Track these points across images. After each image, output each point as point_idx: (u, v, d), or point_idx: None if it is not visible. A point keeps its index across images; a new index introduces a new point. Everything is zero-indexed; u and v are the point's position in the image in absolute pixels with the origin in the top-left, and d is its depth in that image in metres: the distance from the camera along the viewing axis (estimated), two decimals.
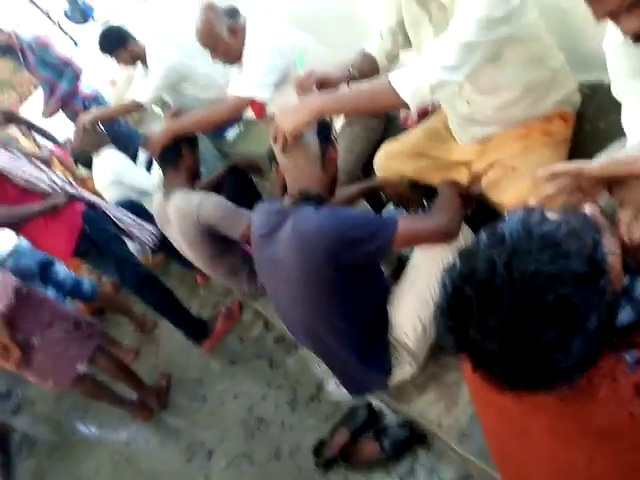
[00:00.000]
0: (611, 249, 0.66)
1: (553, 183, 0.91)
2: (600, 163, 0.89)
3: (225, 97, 2.19)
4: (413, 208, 1.78)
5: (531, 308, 0.61)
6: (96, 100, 3.82)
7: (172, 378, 2.81)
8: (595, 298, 0.61)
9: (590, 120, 1.55)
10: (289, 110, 1.36)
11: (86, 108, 3.54)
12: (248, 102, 2.09)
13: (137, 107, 2.99)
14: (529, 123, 1.50)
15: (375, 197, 2.15)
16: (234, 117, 2.16)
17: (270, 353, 2.55)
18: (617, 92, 1.19)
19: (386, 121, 2.22)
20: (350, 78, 1.62)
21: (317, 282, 1.34)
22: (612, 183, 0.90)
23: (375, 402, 1.94)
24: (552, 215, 0.68)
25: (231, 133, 3.31)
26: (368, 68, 1.67)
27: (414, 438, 1.75)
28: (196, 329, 2.79)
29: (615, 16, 0.90)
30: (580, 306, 0.61)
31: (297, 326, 1.56)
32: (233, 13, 2.14)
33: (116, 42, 3.04)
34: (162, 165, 2.17)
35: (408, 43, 1.61)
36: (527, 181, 1.37)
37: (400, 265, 1.70)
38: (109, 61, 3.17)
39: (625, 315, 0.68)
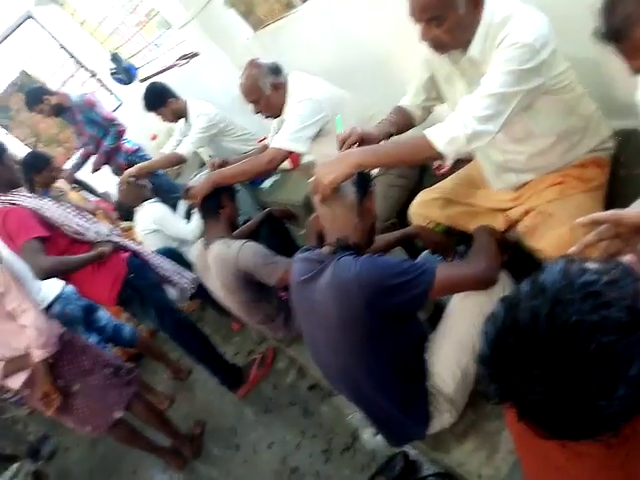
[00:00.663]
0: None
1: (593, 231, 0.93)
2: (638, 211, 0.90)
3: (263, 149, 2.27)
4: (449, 255, 1.80)
5: (574, 357, 0.62)
6: (138, 154, 4.00)
7: (206, 426, 2.80)
8: (637, 346, 0.62)
9: (625, 166, 1.55)
10: (329, 163, 1.41)
11: (129, 163, 3.71)
12: (286, 155, 2.17)
13: (179, 160, 3.12)
14: (564, 170, 1.52)
15: (410, 243, 2.18)
16: (272, 168, 2.24)
17: (304, 401, 2.52)
18: None
19: (420, 169, 2.27)
20: (389, 135, 1.67)
21: (356, 330, 1.35)
22: None
23: (412, 452, 1.89)
24: (592, 265, 0.69)
25: (267, 182, 3.41)
26: (404, 123, 1.73)
27: None
28: (231, 376, 2.79)
29: None
30: (622, 354, 0.61)
31: (335, 373, 1.55)
32: (276, 70, 2.25)
33: (158, 100, 3.22)
34: (203, 214, 2.24)
35: (441, 97, 1.68)
36: (564, 227, 1.37)
37: (436, 312, 1.70)
38: (151, 116, 3.36)
39: None
